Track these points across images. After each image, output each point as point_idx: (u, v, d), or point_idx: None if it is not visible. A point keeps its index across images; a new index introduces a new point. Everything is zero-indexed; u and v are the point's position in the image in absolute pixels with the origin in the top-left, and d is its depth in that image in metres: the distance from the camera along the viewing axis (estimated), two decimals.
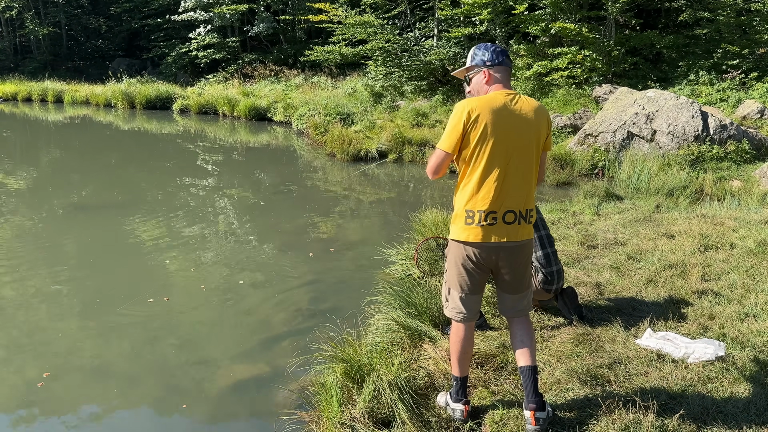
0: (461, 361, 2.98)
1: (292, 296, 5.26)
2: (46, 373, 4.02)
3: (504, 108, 2.70)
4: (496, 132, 2.67)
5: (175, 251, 6.43)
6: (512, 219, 2.74)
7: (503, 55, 2.83)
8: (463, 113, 2.68)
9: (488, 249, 2.77)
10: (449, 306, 2.96)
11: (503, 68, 2.82)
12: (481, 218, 2.72)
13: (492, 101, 2.71)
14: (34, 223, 7.61)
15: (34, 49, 34.93)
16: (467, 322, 2.94)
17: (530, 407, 2.82)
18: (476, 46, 2.89)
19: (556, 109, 13.41)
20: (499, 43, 17.42)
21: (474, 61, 2.87)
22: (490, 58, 2.81)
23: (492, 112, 2.68)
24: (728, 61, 13.25)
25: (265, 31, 26.12)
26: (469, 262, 2.82)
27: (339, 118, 14.61)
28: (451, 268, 2.92)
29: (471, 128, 2.67)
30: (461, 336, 2.94)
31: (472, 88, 2.89)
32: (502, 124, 2.69)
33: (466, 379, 3.05)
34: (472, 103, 2.70)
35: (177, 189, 9.75)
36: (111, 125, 18.60)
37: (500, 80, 2.81)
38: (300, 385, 3.67)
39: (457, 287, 2.90)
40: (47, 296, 5.25)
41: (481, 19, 16.52)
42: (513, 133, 2.71)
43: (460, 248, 2.83)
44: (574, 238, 6.02)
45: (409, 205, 8.11)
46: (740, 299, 4.36)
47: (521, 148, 2.73)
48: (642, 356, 3.57)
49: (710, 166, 9.08)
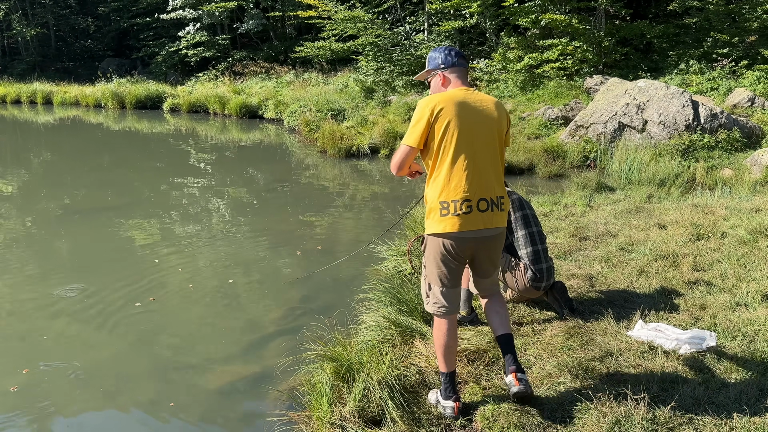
0: (447, 356, 2.98)
1: (283, 295, 5.22)
2: (25, 369, 3.98)
3: (465, 101, 2.83)
4: (460, 123, 2.78)
5: (165, 251, 6.38)
6: (485, 207, 2.82)
7: (457, 56, 2.97)
8: (426, 108, 2.79)
9: (465, 239, 2.83)
10: (431, 301, 2.99)
11: (457, 68, 2.96)
12: (457, 208, 2.78)
13: (453, 96, 2.84)
14: (25, 226, 7.54)
15: (22, 50, 34.69)
16: (449, 316, 2.97)
17: (511, 370, 2.93)
18: (433, 50, 3.05)
19: (548, 101, 13.38)
20: (489, 36, 17.43)
21: (430, 65, 3.01)
22: (443, 61, 2.96)
23: (455, 105, 2.80)
24: (718, 50, 13.25)
25: (255, 28, 26.00)
26: (447, 255, 2.86)
27: (330, 114, 14.56)
28: (429, 264, 2.94)
29: (435, 122, 2.77)
30: (444, 330, 2.96)
31: (431, 91, 3.04)
32: (464, 115, 2.80)
33: (454, 374, 3.03)
34: (435, 98, 2.83)
35: (169, 189, 9.68)
36: (101, 126, 18.48)
37: (457, 82, 2.94)
38: (290, 386, 3.64)
39: (438, 282, 2.93)
40: (36, 298, 5.20)
41: (471, 12, 16.47)
42: (475, 125, 2.82)
43: (437, 242, 2.86)
44: (566, 230, 6.00)
45: (400, 201, 8.07)
46: (731, 288, 4.35)
47: (484, 137, 2.84)
48: (633, 348, 3.55)
49: (701, 155, 9.08)
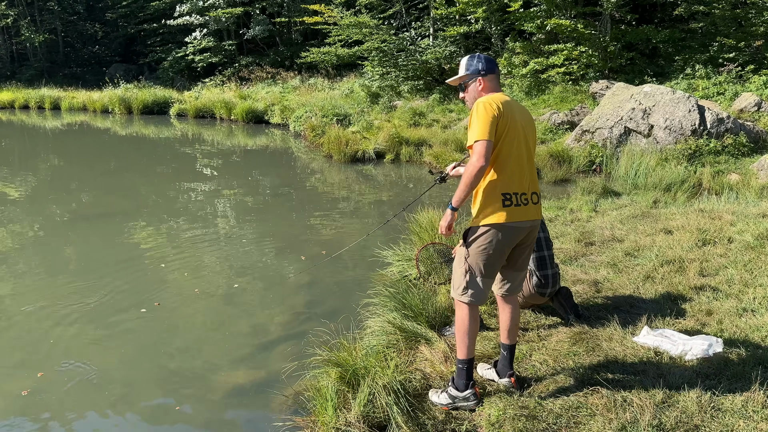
0: (471, 342, 3.10)
1: (288, 300, 5.24)
2: (40, 372, 4.00)
3: (512, 104, 3.04)
4: (514, 123, 2.98)
5: (171, 255, 6.41)
6: (536, 200, 3.07)
7: (493, 64, 3.16)
8: (492, 106, 2.93)
9: (522, 228, 3.00)
10: (468, 291, 3.06)
11: (494, 76, 3.14)
12: (519, 199, 2.98)
13: (502, 98, 3.01)
14: (33, 231, 7.59)
15: (30, 56, 34.97)
16: (479, 304, 3.10)
17: (509, 374, 3.26)
18: (469, 56, 3.18)
19: (553, 106, 13.38)
20: (494, 41, 17.46)
21: (469, 70, 3.14)
22: (483, 68, 3.12)
23: (508, 107, 2.99)
24: (724, 54, 13.22)
25: (261, 33, 26.13)
26: (500, 244, 2.98)
27: (336, 119, 14.60)
28: (477, 254, 3.01)
29: (500, 119, 2.92)
30: (474, 316, 3.09)
31: (468, 94, 3.18)
32: (516, 117, 3.01)
33: (473, 361, 3.16)
34: (494, 99, 2.97)
35: (176, 193, 9.73)
36: (109, 131, 18.59)
37: (493, 87, 3.12)
38: (295, 390, 3.65)
39: (481, 271, 3.03)
40: (43, 303, 5.23)
41: (477, 17, 16.51)
42: (521, 126, 3.03)
43: (493, 232, 2.96)
44: (572, 235, 5.99)
45: (405, 206, 8.06)
46: (738, 294, 4.34)
47: (527, 139, 3.06)
48: (639, 354, 3.54)
49: (708, 160, 9.05)
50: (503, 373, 3.30)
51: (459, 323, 3.11)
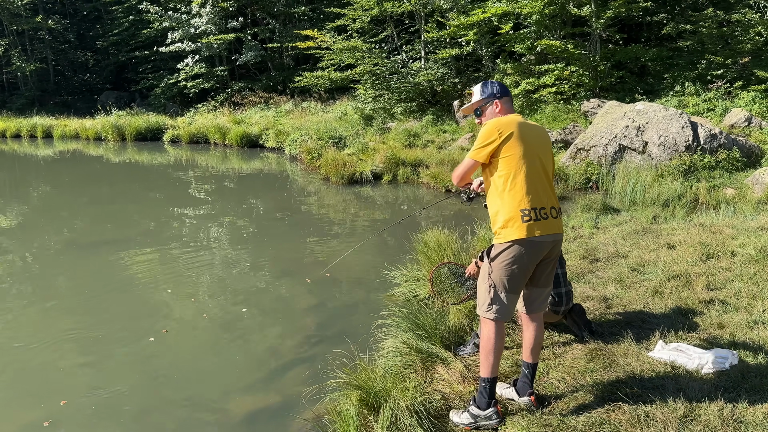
0: (496, 360, 3.11)
1: (298, 323, 5.22)
2: (47, 422, 3.95)
3: (525, 123, 3.16)
4: (526, 141, 3.08)
5: (174, 282, 6.37)
6: (555, 214, 3.12)
7: (506, 88, 3.36)
8: (495, 130, 3.07)
9: (544, 243, 3.04)
10: (493, 307, 3.09)
11: (508, 98, 3.32)
12: (538, 214, 3.03)
13: (515, 119, 3.14)
14: (26, 261, 7.52)
15: (21, 85, 34.95)
16: (505, 321, 3.13)
17: (529, 393, 3.28)
18: (483, 82, 3.39)
19: (546, 125, 13.54)
20: (485, 63, 17.71)
21: (485, 94, 3.31)
22: (498, 91, 3.29)
23: (520, 127, 3.10)
24: (713, 72, 13.48)
25: (253, 59, 26.34)
26: (524, 259, 3.02)
27: (331, 141, 14.67)
28: (501, 271, 3.05)
29: (505, 141, 3.04)
30: (500, 333, 3.11)
31: (485, 118, 3.32)
32: (529, 136, 3.11)
33: (496, 380, 3.17)
34: (502, 122, 3.11)
35: (171, 220, 9.70)
36: (102, 158, 18.55)
37: (508, 109, 3.28)
38: (315, 414, 3.62)
39: (504, 287, 3.07)
40: (50, 334, 5.17)
41: (468, 39, 16.75)
42: (535, 143, 3.13)
43: (516, 249, 3.01)
44: (576, 252, 6.03)
45: (407, 226, 8.09)
46: (747, 307, 4.38)
47: (543, 156, 3.15)
48: (656, 369, 3.56)
49: (703, 175, 9.17)
50: (523, 392, 3.30)
51: (484, 341, 3.11)
